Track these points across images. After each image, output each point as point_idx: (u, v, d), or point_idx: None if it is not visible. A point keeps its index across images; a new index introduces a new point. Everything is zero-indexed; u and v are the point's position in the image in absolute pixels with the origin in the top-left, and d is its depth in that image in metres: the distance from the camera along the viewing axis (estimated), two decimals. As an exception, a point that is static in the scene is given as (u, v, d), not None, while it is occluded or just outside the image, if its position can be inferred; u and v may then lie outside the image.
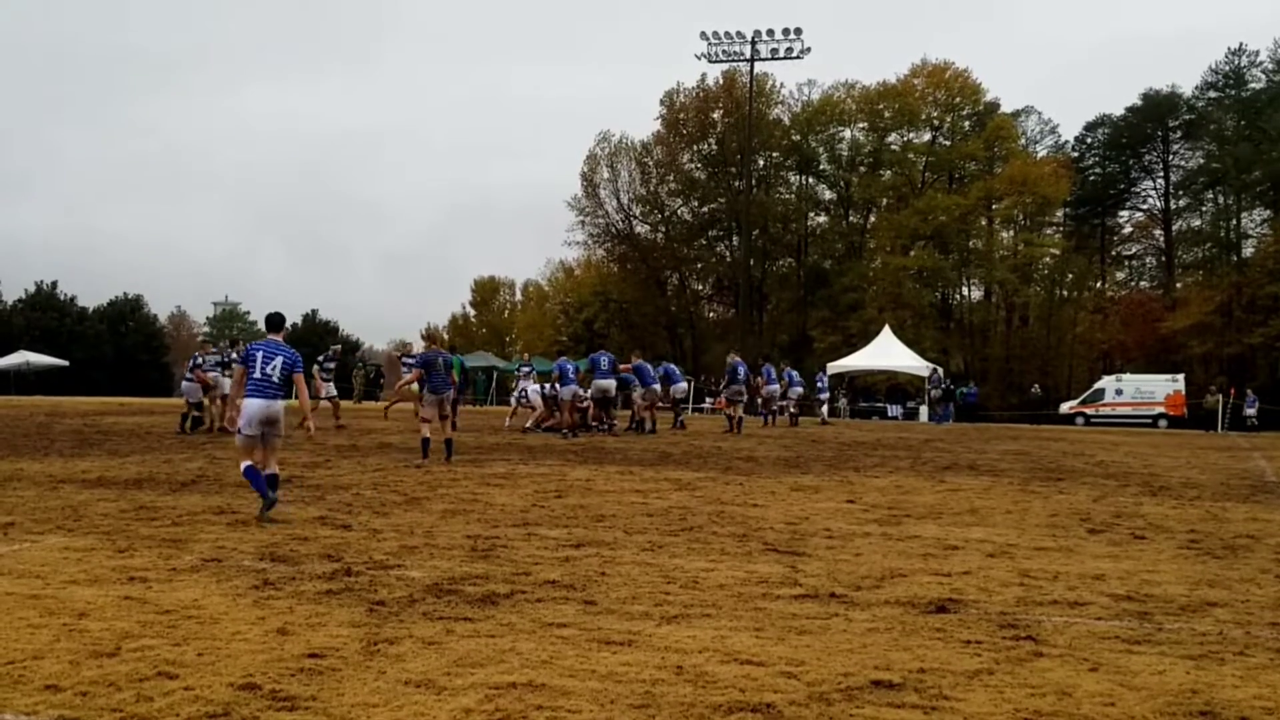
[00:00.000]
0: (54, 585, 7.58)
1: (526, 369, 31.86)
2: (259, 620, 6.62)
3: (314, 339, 79.54)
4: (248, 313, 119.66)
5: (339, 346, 29.55)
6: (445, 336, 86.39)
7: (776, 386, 34.68)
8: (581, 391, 26.53)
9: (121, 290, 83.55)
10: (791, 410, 36.27)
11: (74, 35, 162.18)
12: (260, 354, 11.55)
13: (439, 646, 6.07)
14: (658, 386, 29.63)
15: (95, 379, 65.80)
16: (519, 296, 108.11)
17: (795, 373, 37.55)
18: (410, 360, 25.33)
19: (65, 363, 66.28)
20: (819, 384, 41.66)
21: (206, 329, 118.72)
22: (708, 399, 54.82)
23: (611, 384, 26.92)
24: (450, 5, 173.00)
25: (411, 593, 7.51)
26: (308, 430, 12.78)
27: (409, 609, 7.02)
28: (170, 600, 7.14)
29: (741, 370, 30.90)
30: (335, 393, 28.39)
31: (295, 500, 12.74)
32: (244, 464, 11.53)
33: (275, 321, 12.20)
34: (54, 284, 79.92)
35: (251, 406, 11.44)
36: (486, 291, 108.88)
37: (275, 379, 11.51)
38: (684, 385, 34.05)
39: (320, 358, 28.86)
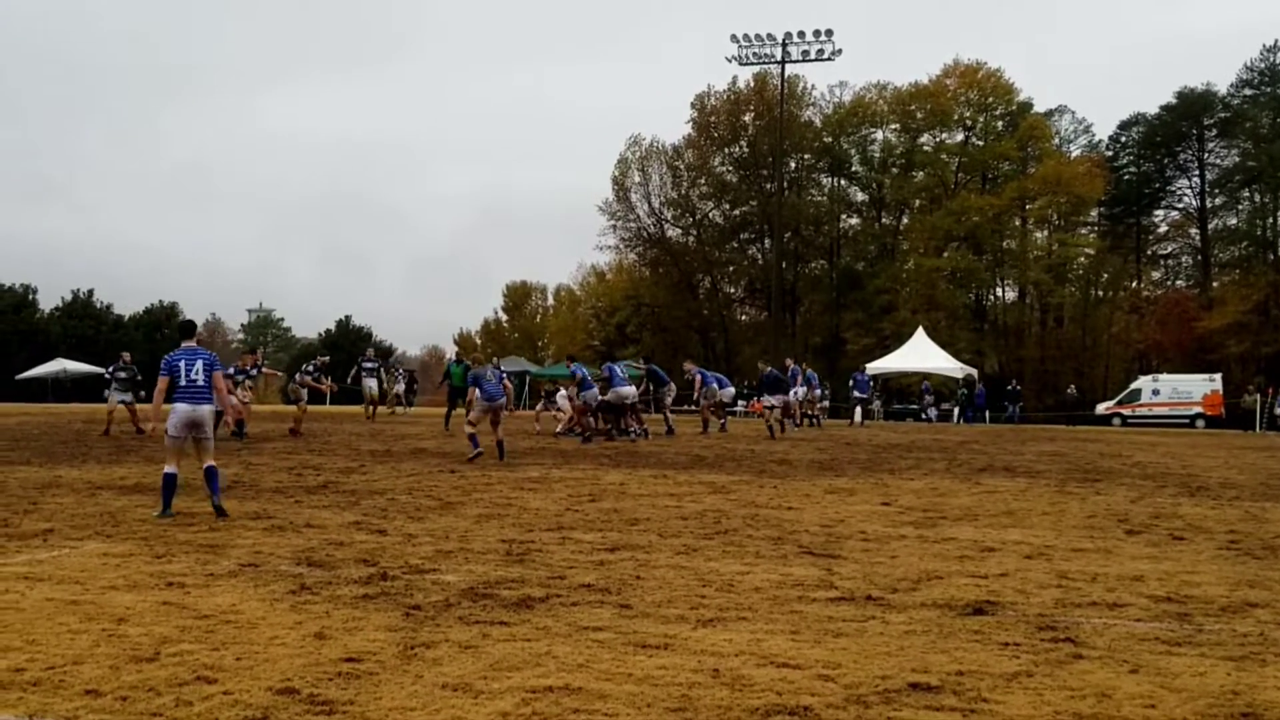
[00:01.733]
0: (93, 591, 7.64)
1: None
2: (296, 625, 6.65)
3: (347, 344, 79.95)
4: (281, 319, 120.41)
5: (326, 358, 29.33)
6: (475, 343, 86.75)
7: (803, 390, 34.55)
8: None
9: (157, 298, 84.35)
10: (809, 414, 35.98)
11: (105, 46, 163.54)
12: (182, 361, 11.95)
13: (475, 650, 6.08)
14: (716, 385, 29.85)
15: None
16: (551, 301, 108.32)
17: (815, 375, 37.45)
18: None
19: (102, 370, 66.78)
20: (854, 385, 41.36)
21: (241, 336, 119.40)
22: (740, 403, 54.69)
23: (632, 390, 26.66)
24: (478, 10, 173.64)
25: (447, 597, 7.53)
26: (228, 425, 12.92)
27: (445, 613, 7.03)
28: (208, 605, 7.18)
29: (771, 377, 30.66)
30: (305, 398, 28.28)
31: (331, 505, 12.80)
32: (167, 469, 11.89)
33: (188, 329, 12.67)
34: (90, 292, 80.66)
35: (180, 411, 11.87)
36: (518, 296, 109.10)
37: (200, 382, 11.94)
38: (731, 390, 33.92)
39: (306, 364, 28.96)
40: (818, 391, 36.71)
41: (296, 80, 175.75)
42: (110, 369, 27.34)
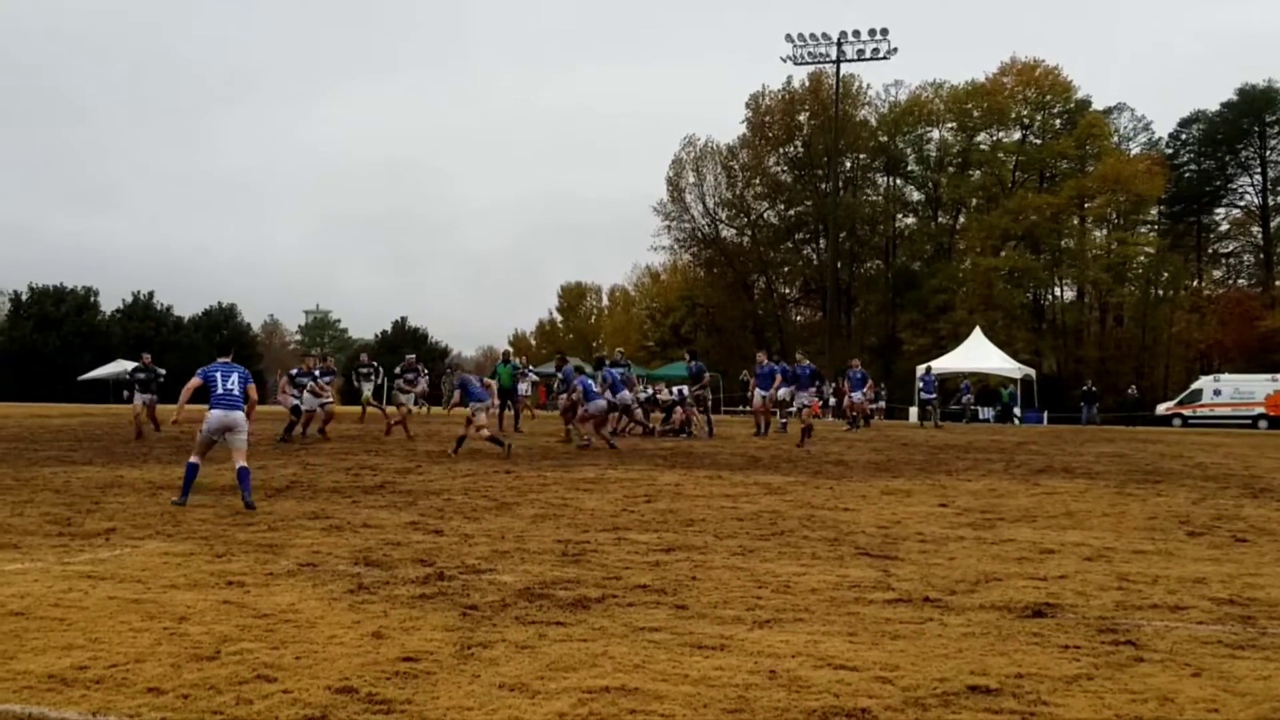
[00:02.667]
0: (154, 589, 7.72)
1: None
2: (354, 624, 6.69)
3: (403, 346, 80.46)
4: (338, 320, 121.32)
5: (412, 356, 29.28)
6: (530, 344, 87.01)
7: (859, 393, 34.24)
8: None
9: (216, 300, 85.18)
10: (854, 414, 35.50)
11: (167, 51, 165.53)
12: (219, 374, 13.45)
13: (532, 650, 6.09)
14: (783, 390, 29.65)
15: (191, 388, 66.93)
16: (605, 302, 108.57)
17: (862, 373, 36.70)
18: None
19: (162, 371, 67.61)
20: (922, 385, 40.87)
21: (299, 337, 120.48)
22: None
23: (603, 404, 24.11)
24: (533, 12, 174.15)
25: (504, 597, 7.55)
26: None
27: (501, 613, 7.05)
28: (268, 604, 7.24)
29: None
30: (405, 401, 28.42)
31: (388, 505, 12.89)
32: (192, 459, 13.37)
33: (224, 347, 14.74)
34: (150, 294, 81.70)
35: (214, 417, 13.20)
36: (573, 297, 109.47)
37: (235, 392, 13.34)
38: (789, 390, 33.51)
39: (293, 370, 28.96)
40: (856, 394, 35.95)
41: (352, 84, 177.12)
42: (131, 370, 27.31)
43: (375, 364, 31.78)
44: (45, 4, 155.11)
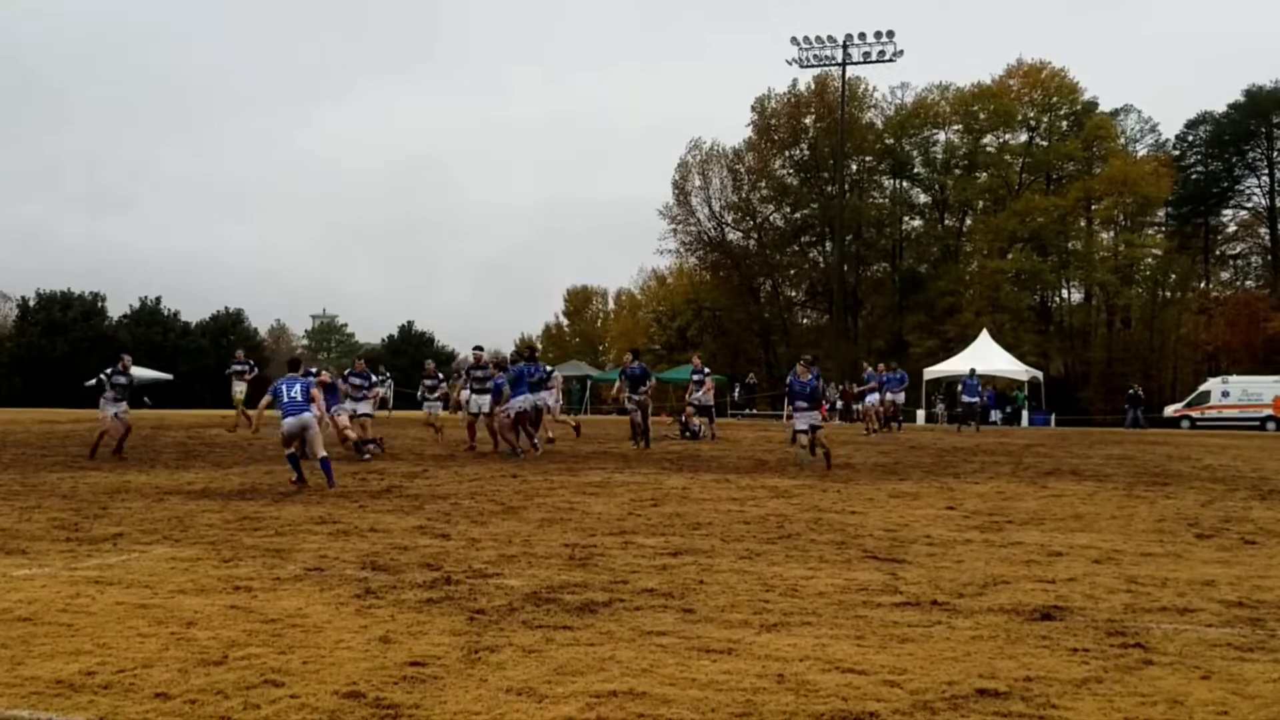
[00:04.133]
0: (162, 595, 7.73)
1: (698, 376, 30.78)
2: (362, 629, 6.69)
3: (410, 350, 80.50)
4: (344, 325, 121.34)
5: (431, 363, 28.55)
6: (537, 347, 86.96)
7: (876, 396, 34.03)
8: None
9: (223, 305, 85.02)
10: (888, 416, 35.37)
11: (167, 58, 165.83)
12: (284, 385, 16.24)
13: (539, 655, 6.09)
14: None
15: (198, 392, 67.04)
16: (611, 305, 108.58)
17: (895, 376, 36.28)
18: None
19: (169, 376, 67.67)
20: (963, 388, 40.60)
21: (305, 341, 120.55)
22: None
23: (519, 403, 21.93)
24: (538, 14, 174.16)
25: (511, 601, 7.55)
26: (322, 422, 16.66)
27: (509, 617, 7.05)
28: (275, 609, 7.24)
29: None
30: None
31: (395, 510, 12.89)
32: (287, 452, 16.15)
33: (293, 364, 17.43)
34: (158, 299, 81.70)
35: (285, 424, 16.01)
36: (579, 301, 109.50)
37: (299, 399, 16.03)
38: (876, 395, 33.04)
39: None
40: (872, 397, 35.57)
41: (355, 89, 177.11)
42: (110, 372, 22.15)
43: (251, 362, 31.10)
44: (50, 10, 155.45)
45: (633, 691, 5.38)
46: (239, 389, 29.87)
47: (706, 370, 29.60)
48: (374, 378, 24.20)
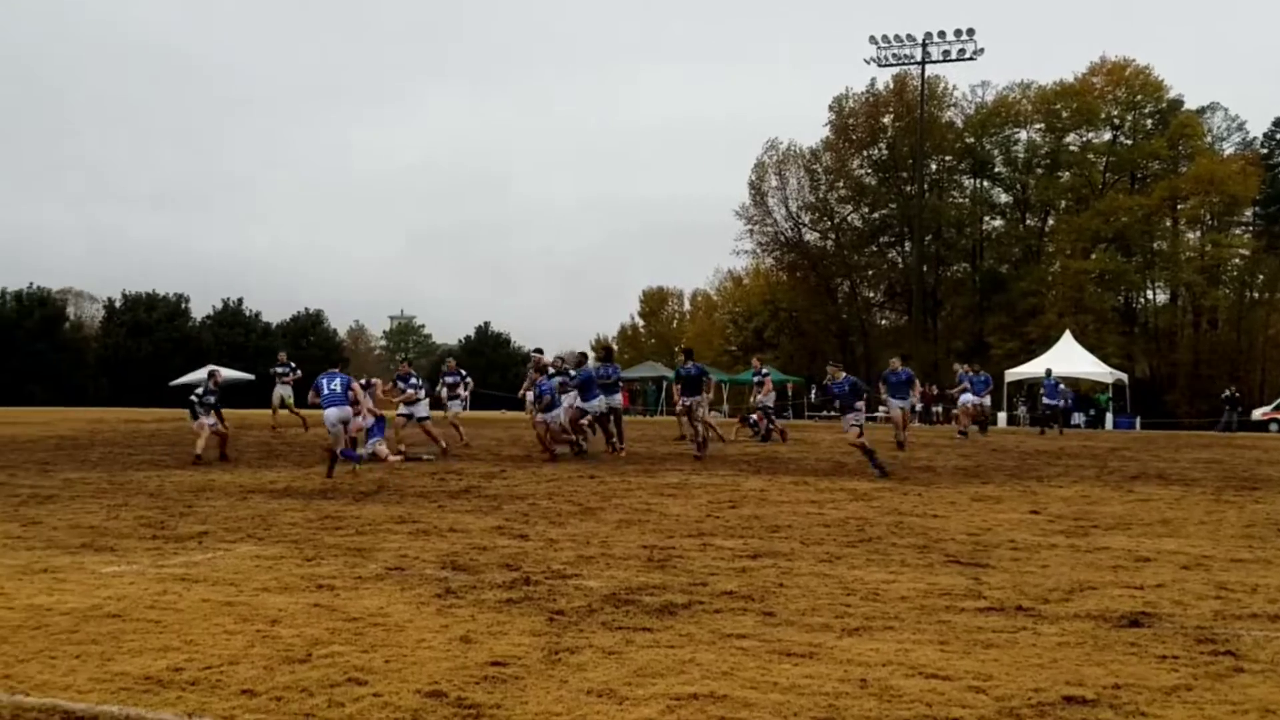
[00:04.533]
0: (247, 592, 7.82)
1: (758, 378, 30.54)
2: (442, 628, 6.72)
3: (488, 350, 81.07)
4: (422, 326, 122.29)
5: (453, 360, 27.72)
6: (612, 349, 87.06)
7: (970, 396, 33.32)
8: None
9: (302, 306, 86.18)
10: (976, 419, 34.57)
11: (250, 62, 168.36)
12: (324, 380, 17.86)
13: (619, 656, 6.08)
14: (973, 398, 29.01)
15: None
16: (687, 306, 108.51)
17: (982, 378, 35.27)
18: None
19: (251, 376, 68.47)
20: (1045, 391, 39.91)
21: (384, 342, 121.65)
22: (880, 409, 54.13)
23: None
24: (616, 15, 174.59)
25: (590, 602, 7.54)
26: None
27: (588, 618, 7.05)
28: (357, 608, 7.29)
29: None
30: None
31: (473, 510, 12.96)
32: (337, 449, 17.34)
33: (336, 361, 20.68)
34: (239, 301, 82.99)
35: (326, 414, 17.52)
36: (655, 302, 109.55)
37: (339, 392, 17.64)
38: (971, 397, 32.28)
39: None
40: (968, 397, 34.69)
41: (436, 92, 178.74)
42: (201, 393, 21.29)
43: (292, 365, 31.15)
44: (136, 14, 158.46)
45: (713, 694, 5.35)
46: (282, 392, 29.98)
47: (765, 370, 29.37)
48: (417, 379, 24.01)
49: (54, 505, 13.18)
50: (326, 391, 17.58)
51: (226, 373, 66.68)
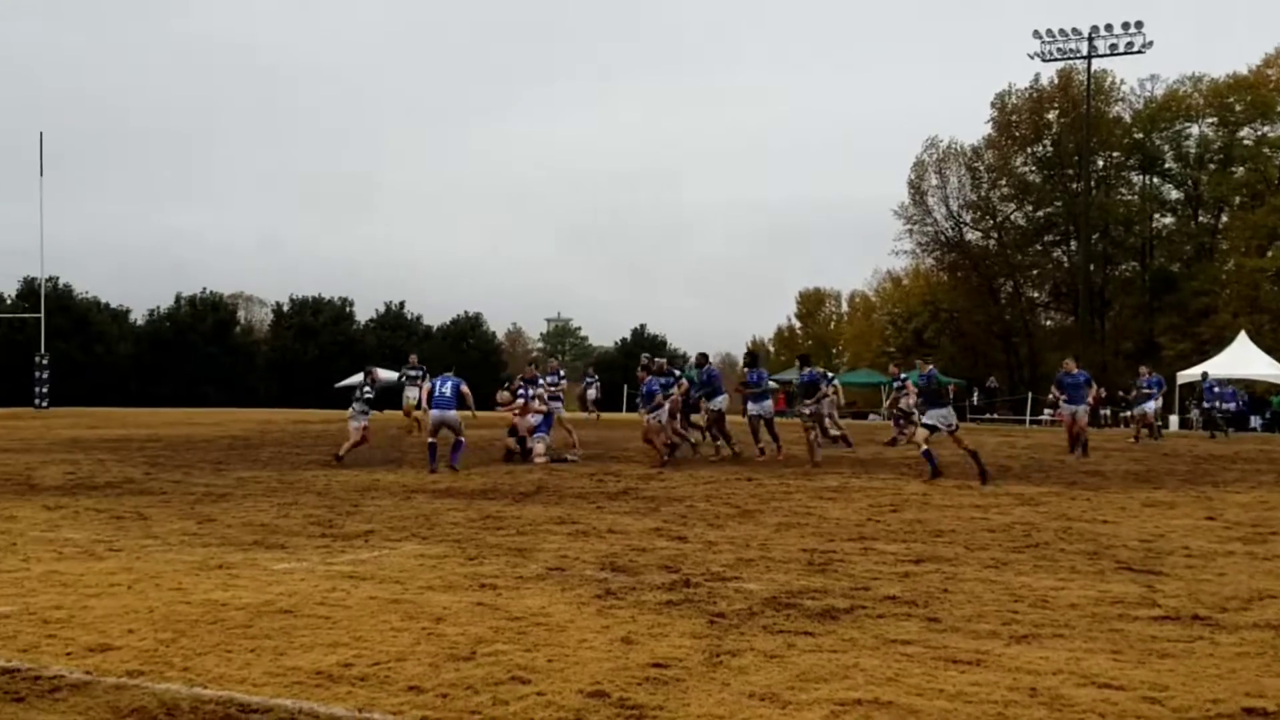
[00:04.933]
0: (412, 590, 7.96)
1: (897, 384, 30.12)
2: (603, 629, 6.75)
3: (639, 352, 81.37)
4: (578, 328, 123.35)
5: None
6: (768, 351, 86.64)
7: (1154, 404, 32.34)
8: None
9: (462, 309, 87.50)
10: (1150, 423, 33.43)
11: (402, 66, 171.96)
12: (438, 382, 19.08)
13: (781, 660, 6.03)
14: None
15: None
16: (845, 308, 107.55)
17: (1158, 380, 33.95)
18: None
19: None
20: (1210, 390, 38.56)
21: (540, 345, 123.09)
22: (1047, 410, 52.95)
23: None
24: (766, 15, 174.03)
25: (750, 605, 7.50)
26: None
27: (749, 621, 7.01)
28: (519, 607, 7.37)
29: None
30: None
31: (631, 511, 13.01)
32: (429, 440, 18.86)
33: (448, 365, 21.46)
34: (401, 304, 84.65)
35: (432, 415, 18.83)
36: (812, 303, 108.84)
37: (449, 395, 18.70)
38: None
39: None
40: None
41: (591, 94, 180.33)
42: (366, 388, 22.25)
43: (423, 368, 31.32)
44: (304, 30, 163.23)
45: (878, 700, 5.27)
46: (412, 394, 30.28)
47: (904, 376, 28.81)
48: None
49: (227, 503, 13.61)
50: (437, 394, 18.84)
51: (383, 373, 68.18)
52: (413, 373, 30.12)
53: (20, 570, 8.76)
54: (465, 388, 19.19)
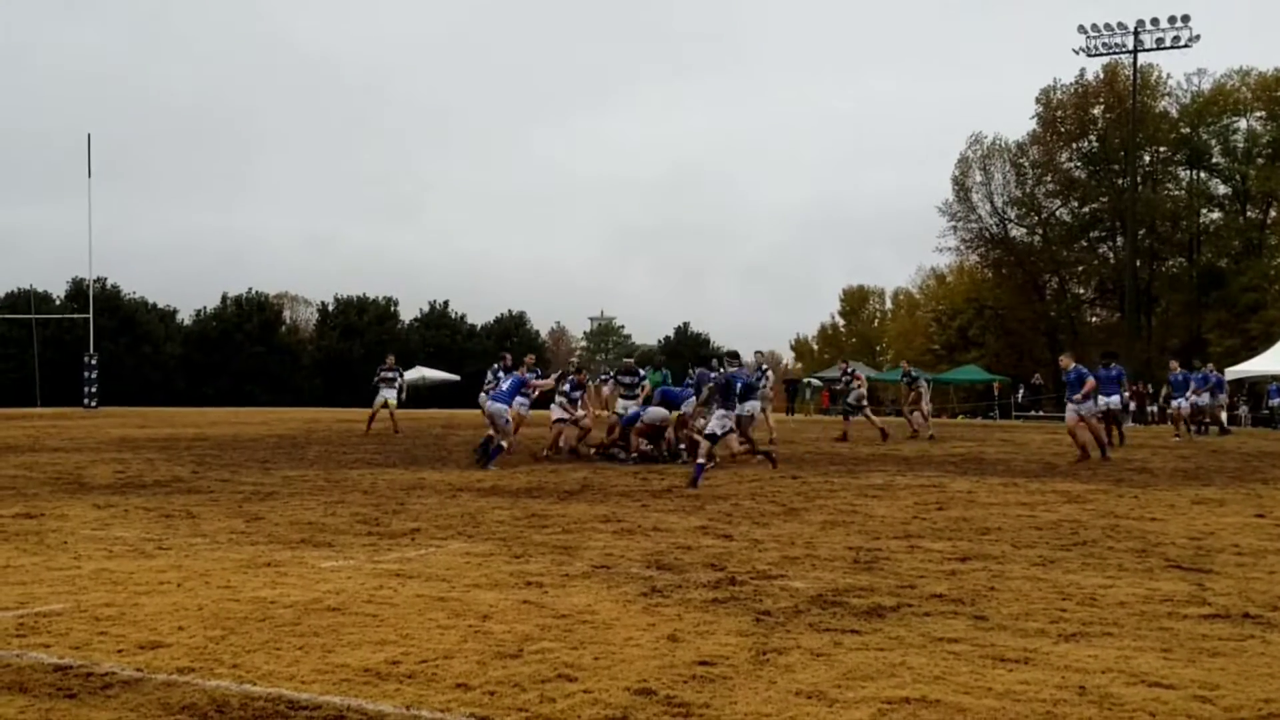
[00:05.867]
0: (459, 588, 8.00)
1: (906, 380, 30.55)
2: (649, 627, 6.75)
3: (686, 351, 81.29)
4: (621, 326, 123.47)
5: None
6: (812, 349, 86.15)
7: (1207, 397, 32.15)
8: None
9: (506, 308, 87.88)
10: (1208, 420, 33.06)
11: (446, 68, 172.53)
12: (501, 377, 20.34)
13: (828, 658, 6.01)
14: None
15: (487, 393, 69.59)
16: (889, 305, 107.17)
17: (1204, 377, 33.67)
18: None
19: (457, 377, 70.24)
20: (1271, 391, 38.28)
21: (584, 343, 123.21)
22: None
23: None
24: (809, 14, 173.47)
25: (796, 603, 7.49)
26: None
27: (795, 619, 7.00)
28: (565, 605, 7.39)
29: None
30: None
31: (676, 509, 13.01)
32: (500, 441, 18.99)
33: (513, 362, 22.02)
34: (445, 303, 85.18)
35: (489, 406, 19.38)
36: (855, 301, 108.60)
37: (505, 390, 19.40)
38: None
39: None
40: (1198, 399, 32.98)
41: (631, 93, 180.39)
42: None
43: (399, 368, 31.39)
44: (353, 29, 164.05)
45: (925, 699, 5.24)
46: (386, 395, 30.28)
47: (913, 373, 29.19)
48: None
49: (274, 501, 13.71)
50: (498, 389, 19.70)
51: (433, 372, 68.32)
52: (388, 374, 30.28)
53: (71, 568, 8.85)
54: (536, 380, 21.02)
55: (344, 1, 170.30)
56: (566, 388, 21.75)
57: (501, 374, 21.98)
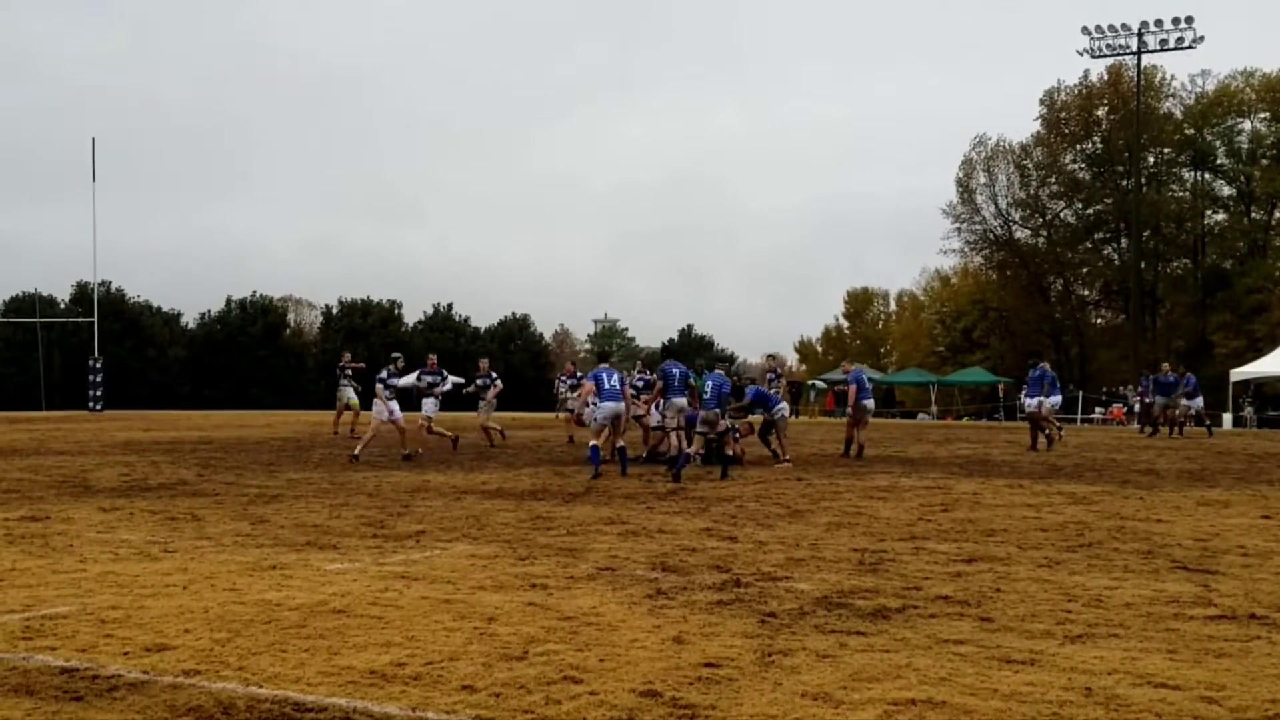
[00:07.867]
0: (464, 590, 8.00)
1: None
2: (655, 629, 6.76)
3: (690, 353, 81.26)
4: (625, 329, 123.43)
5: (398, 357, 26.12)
6: (816, 351, 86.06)
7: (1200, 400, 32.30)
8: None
9: (509, 310, 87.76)
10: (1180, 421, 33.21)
11: (451, 69, 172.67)
12: (604, 375, 18.28)
13: (833, 660, 6.01)
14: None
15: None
16: (893, 307, 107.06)
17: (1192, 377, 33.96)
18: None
19: (462, 380, 70.18)
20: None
21: (588, 346, 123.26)
22: (1098, 409, 52.66)
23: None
24: (813, 14, 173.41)
25: (801, 605, 7.49)
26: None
27: (800, 621, 7.00)
28: (570, 607, 7.39)
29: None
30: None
31: (681, 511, 13.01)
32: (592, 443, 17.79)
33: (604, 356, 20.38)
34: (449, 306, 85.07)
35: (605, 408, 18.05)
36: (859, 303, 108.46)
37: (617, 389, 18.23)
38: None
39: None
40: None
41: (635, 94, 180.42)
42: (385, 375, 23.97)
43: (442, 370, 31.03)
44: (355, 33, 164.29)
45: (931, 700, 5.24)
46: (347, 394, 30.34)
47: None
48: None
49: (280, 504, 13.72)
50: (606, 388, 18.14)
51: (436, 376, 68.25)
52: (350, 371, 30.23)
53: (78, 571, 8.87)
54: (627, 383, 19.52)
55: (346, 5, 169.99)
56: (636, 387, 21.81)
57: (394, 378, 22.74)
